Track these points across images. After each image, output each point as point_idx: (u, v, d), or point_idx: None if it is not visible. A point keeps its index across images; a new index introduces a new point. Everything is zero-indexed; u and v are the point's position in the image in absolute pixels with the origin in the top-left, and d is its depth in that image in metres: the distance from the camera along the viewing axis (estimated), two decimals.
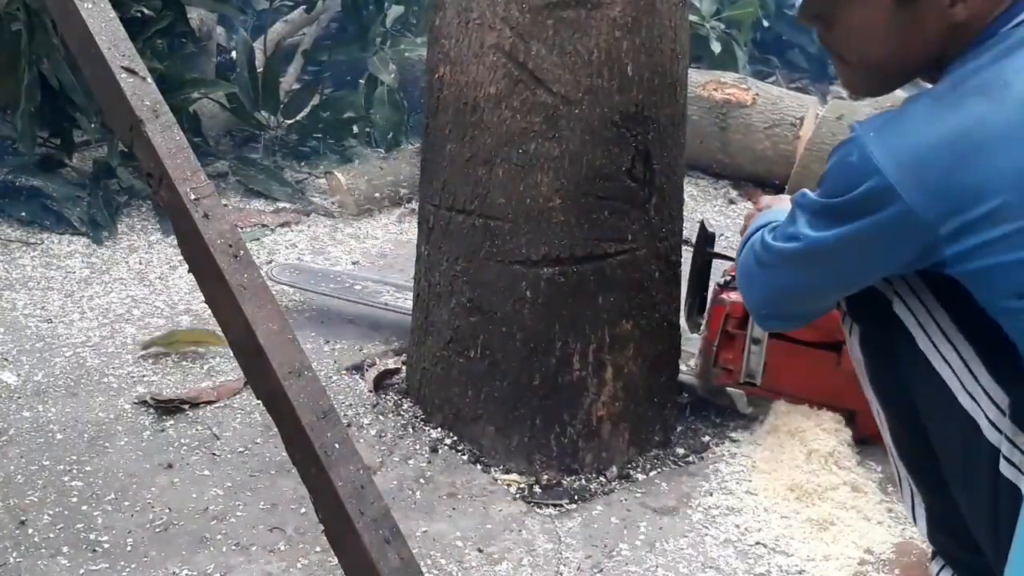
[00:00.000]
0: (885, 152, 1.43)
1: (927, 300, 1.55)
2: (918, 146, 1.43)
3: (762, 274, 1.68)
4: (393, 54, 4.59)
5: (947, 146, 1.41)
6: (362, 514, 1.49)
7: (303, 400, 1.53)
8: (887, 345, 1.63)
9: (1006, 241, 1.38)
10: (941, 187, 1.40)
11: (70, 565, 2.02)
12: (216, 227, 1.59)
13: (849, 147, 1.49)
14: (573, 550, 2.13)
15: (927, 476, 1.68)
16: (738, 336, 2.44)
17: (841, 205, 1.49)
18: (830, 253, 1.54)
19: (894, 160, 1.42)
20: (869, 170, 1.44)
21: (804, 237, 1.56)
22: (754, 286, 1.73)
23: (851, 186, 1.46)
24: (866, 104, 4.31)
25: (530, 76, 2.18)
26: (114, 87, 1.63)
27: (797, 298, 1.69)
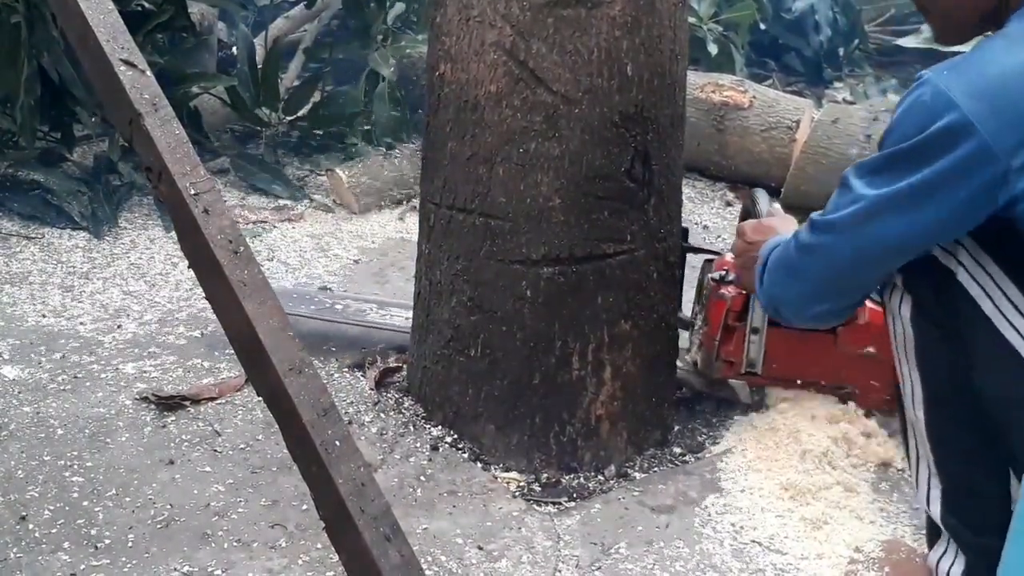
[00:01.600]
0: (961, 87, 1.43)
1: (992, 270, 1.55)
2: (994, 77, 1.43)
3: (811, 260, 1.68)
4: (394, 51, 4.60)
5: (1018, 74, 1.42)
6: (363, 511, 1.50)
7: (304, 397, 1.54)
8: (945, 316, 1.62)
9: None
10: (1017, 116, 1.41)
11: (71, 561, 2.02)
12: (216, 222, 1.59)
13: (920, 89, 1.48)
14: (572, 548, 2.14)
15: (953, 453, 1.68)
16: (738, 328, 2.44)
17: (914, 148, 1.47)
18: (900, 204, 1.52)
19: (970, 94, 1.42)
20: (944, 105, 1.43)
21: (867, 196, 1.56)
22: (801, 275, 1.72)
23: (925, 125, 1.45)
24: (859, 108, 4.32)
25: (530, 75, 2.19)
26: (113, 80, 1.63)
27: (856, 268, 1.66)
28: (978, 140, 1.41)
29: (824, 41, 6.04)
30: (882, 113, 4.13)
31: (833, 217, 1.62)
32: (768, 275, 1.83)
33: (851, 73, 6.18)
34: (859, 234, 1.59)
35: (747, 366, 2.43)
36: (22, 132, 3.66)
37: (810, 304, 1.77)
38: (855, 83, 5.98)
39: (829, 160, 4.02)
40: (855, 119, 4.08)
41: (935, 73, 1.48)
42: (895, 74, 6.12)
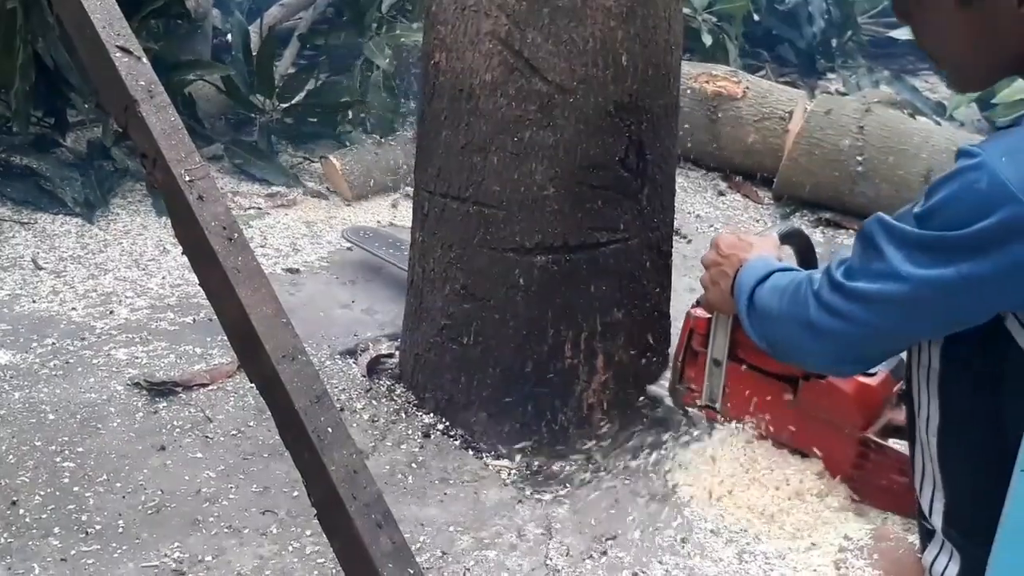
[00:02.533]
0: (1021, 176, 1.35)
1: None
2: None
3: (834, 323, 1.60)
4: (389, 40, 4.59)
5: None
6: (354, 498, 1.50)
7: (296, 384, 1.54)
8: (985, 360, 1.57)
9: None
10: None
11: (61, 546, 2.02)
12: (210, 209, 1.59)
13: (974, 174, 1.40)
14: (563, 536, 2.15)
15: (964, 482, 1.67)
16: (701, 354, 2.32)
17: (967, 238, 1.40)
18: (949, 293, 1.45)
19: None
20: (1005, 197, 1.36)
21: (909, 276, 1.47)
22: (821, 337, 1.63)
23: (982, 215, 1.38)
24: (852, 99, 4.32)
25: (525, 64, 2.19)
26: (109, 67, 1.63)
27: (886, 343, 1.61)
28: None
29: (817, 32, 6.04)
30: (875, 104, 4.13)
31: (866, 288, 1.54)
32: (765, 318, 1.78)
33: (844, 64, 6.18)
34: (900, 314, 1.53)
35: (707, 399, 2.32)
36: (16, 118, 3.65)
37: (840, 364, 1.72)
38: (848, 74, 5.99)
39: (821, 151, 4.03)
40: (848, 110, 4.08)
41: (989, 155, 1.40)
42: (888, 65, 6.13)
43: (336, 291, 3.25)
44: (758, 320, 1.82)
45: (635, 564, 2.08)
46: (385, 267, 3.34)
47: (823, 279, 1.64)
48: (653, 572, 2.06)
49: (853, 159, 3.97)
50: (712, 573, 2.06)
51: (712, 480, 2.31)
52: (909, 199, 3.68)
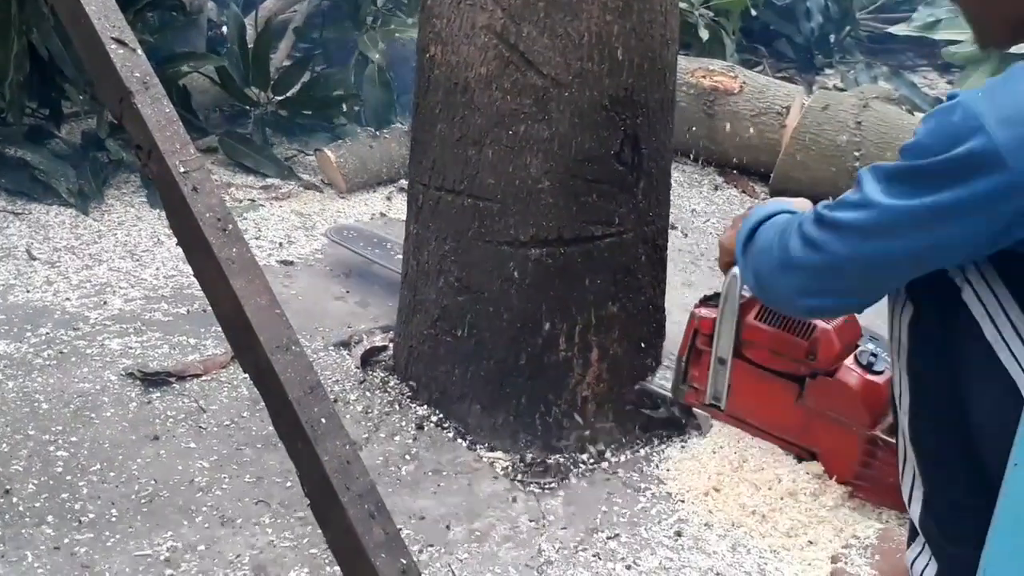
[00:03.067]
0: (993, 113, 1.35)
1: (1000, 292, 1.49)
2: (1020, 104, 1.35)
3: (810, 254, 1.58)
4: (383, 34, 4.59)
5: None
6: (348, 489, 1.50)
7: (290, 375, 1.54)
8: (944, 332, 1.57)
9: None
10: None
11: (54, 535, 2.02)
12: (205, 200, 1.59)
13: (950, 107, 1.41)
14: (555, 528, 2.15)
15: (936, 464, 1.67)
16: (705, 353, 2.30)
17: (934, 167, 1.40)
18: (912, 223, 1.45)
19: (1003, 120, 1.34)
20: (973, 129, 1.36)
21: (878, 205, 1.47)
22: (797, 267, 1.61)
23: (949, 145, 1.38)
24: (849, 94, 4.33)
25: (521, 58, 2.19)
26: (104, 59, 1.63)
27: (857, 275, 1.57)
28: (1004, 172, 1.34)
29: (815, 28, 6.05)
30: (872, 100, 4.14)
31: (841, 217, 1.53)
32: (757, 251, 1.76)
33: (842, 60, 6.19)
34: (865, 242, 1.51)
35: (711, 398, 2.30)
36: (10, 108, 3.65)
37: (802, 297, 1.67)
38: (846, 70, 5.99)
39: (818, 146, 4.03)
40: (845, 106, 4.09)
41: (968, 94, 1.40)
42: (886, 61, 6.14)
43: (330, 283, 3.25)
44: (752, 256, 1.80)
45: (628, 556, 2.08)
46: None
47: (809, 213, 1.63)
48: (647, 564, 2.06)
49: (850, 154, 3.97)
50: (706, 566, 2.07)
51: (704, 477, 2.32)
52: None
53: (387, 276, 3.10)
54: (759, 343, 2.25)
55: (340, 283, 3.25)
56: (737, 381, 2.27)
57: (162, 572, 1.95)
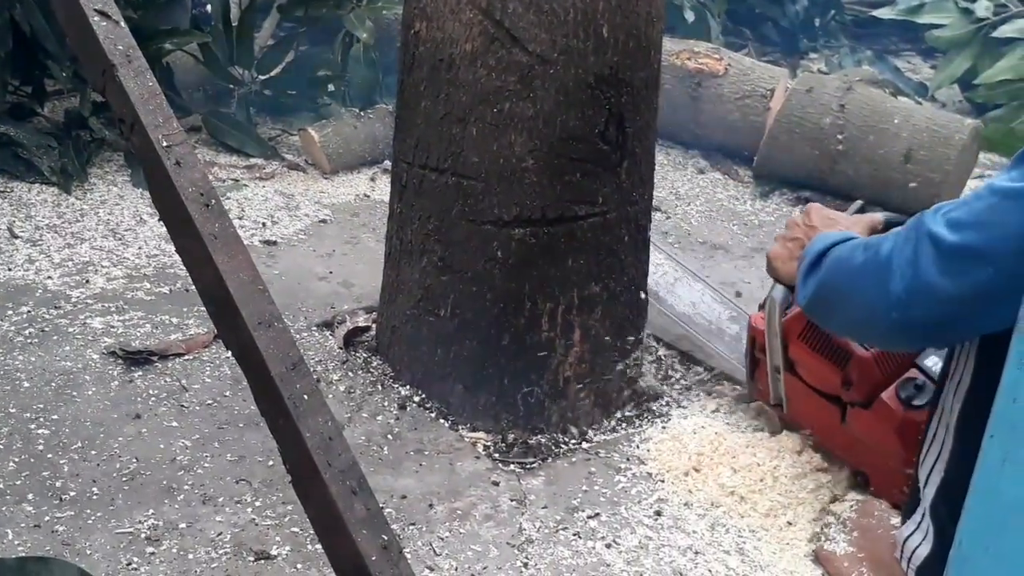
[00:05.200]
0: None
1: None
2: None
3: (947, 258, 1.50)
4: (369, 12, 4.56)
5: None
6: (329, 465, 1.50)
7: (272, 351, 1.53)
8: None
9: None
10: None
11: (35, 512, 2.02)
12: (188, 175, 1.58)
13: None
14: (536, 507, 2.16)
15: (972, 448, 1.66)
16: (762, 360, 2.29)
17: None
18: None
19: None
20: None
21: (1012, 186, 1.43)
22: (915, 276, 1.53)
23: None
24: (833, 77, 4.34)
25: (506, 34, 2.18)
26: (87, 31, 1.61)
27: (980, 293, 1.49)
28: None
29: (800, 11, 6.05)
30: (856, 83, 4.14)
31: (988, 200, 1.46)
32: (835, 268, 1.71)
33: (826, 44, 6.19)
34: (980, 224, 1.47)
35: (775, 400, 2.25)
36: None
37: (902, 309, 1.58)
38: (830, 54, 6.00)
39: (803, 129, 4.04)
40: (829, 89, 4.09)
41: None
42: (870, 45, 6.14)
43: (313, 263, 3.25)
44: (823, 273, 1.75)
45: (609, 535, 2.09)
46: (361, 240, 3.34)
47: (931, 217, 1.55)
48: (627, 543, 2.07)
49: (834, 138, 3.98)
50: (685, 544, 2.08)
51: (684, 457, 2.33)
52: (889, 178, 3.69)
53: (373, 253, 3.09)
54: (802, 364, 2.24)
55: (323, 263, 3.25)
56: (791, 392, 2.22)
57: (143, 550, 1.95)
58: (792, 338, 2.21)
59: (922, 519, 1.79)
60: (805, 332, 2.20)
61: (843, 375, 2.17)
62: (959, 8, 5.24)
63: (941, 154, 3.82)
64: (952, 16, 5.25)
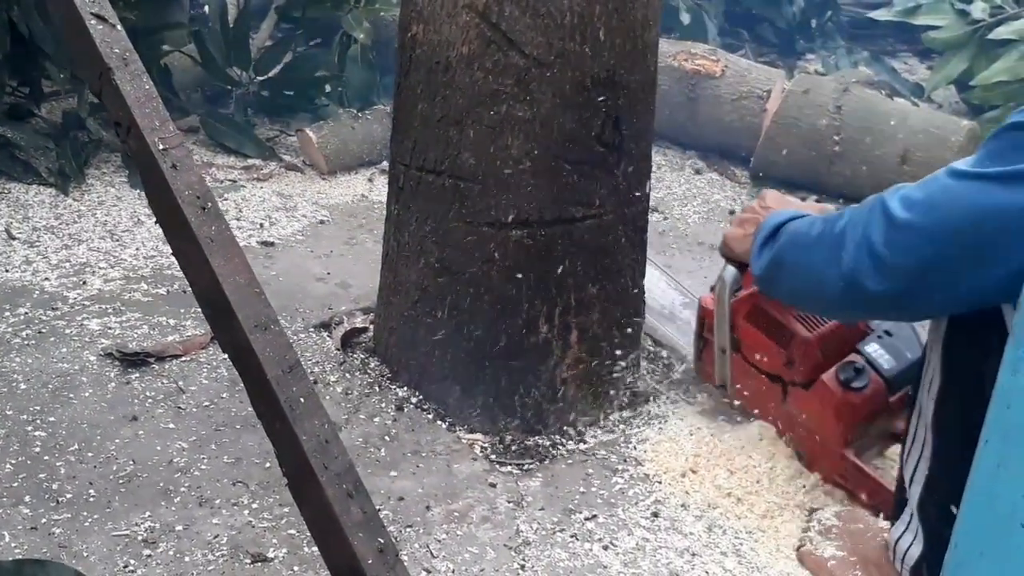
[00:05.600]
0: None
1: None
2: None
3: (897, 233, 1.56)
4: (367, 13, 4.57)
5: None
6: (326, 468, 1.50)
7: (269, 354, 1.53)
8: (981, 323, 1.57)
9: None
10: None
11: (32, 515, 2.02)
12: (184, 178, 1.58)
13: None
14: (534, 509, 2.16)
15: (952, 448, 1.67)
16: (710, 340, 2.40)
17: (1021, 132, 1.43)
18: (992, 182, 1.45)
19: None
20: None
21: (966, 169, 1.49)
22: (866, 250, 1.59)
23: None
24: (830, 79, 4.34)
25: (503, 37, 2.18)
26: (84, 34, 1.61)
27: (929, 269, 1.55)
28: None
29: (797, 12, 6.05)
30: (852, 84, 4.15)
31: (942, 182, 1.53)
32: (790, 242, 1.77)
33: (823, 45, 6.19)
34: (931, 205, 1.53)
35: (720, 380, 2.37)
36: None
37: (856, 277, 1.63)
38: (827, 55, 6.00)
39: (799, 130, 4.04)
40: (826, 90, 4.10)
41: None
42: (866, 46, 6.14)
43: (311, 264, 3.25)
44: (778, 247, 1.81)
45: (606, 537, 2.09)
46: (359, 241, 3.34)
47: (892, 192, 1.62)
48: (624, 545, 2.07)
49: (830, 139, 3.98)
50: (682, 546, 2.08)
51: (681, 458, 2.33)
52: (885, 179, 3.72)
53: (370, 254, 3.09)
54: (747, 343, 2.32)
55: (321, 264, 3.25)
56: (736, 372, 2.33)
57: (140, 552, 1.95)
58: (739, 318, 2.30)
59: (911, 519, 1.80)
60: (752, 312, 2.29)
61: (786, 355, 2.24)
62: (955, 10, 5.25)
63: (937, 155, 3.83)
64: (948, 18, 5.26)
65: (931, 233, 1.52)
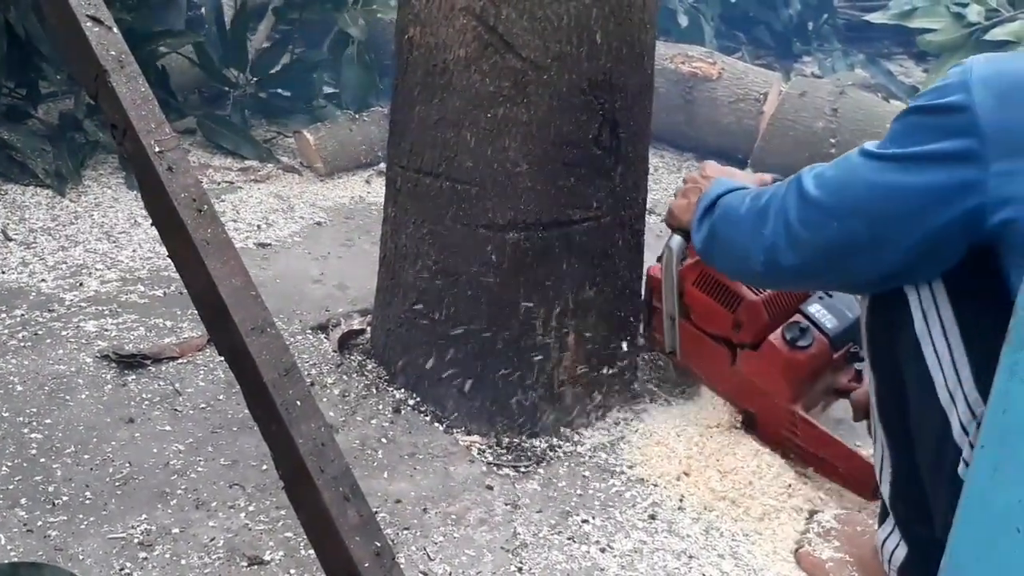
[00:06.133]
0: (981, 74, 1.44)
1: (938, 291, 1.55)
2: (1011, 75, 1.43)
3: (809, 209, 1.63)
4: (364, 14, 4.57)
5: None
6: (322, 471, 1.50)
7: (265, 357, 1.53)
8: (890, 319, 1.63)
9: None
10: (1012, 119, 1.40)
11: (28, 517, 2.01)
12: (180, 180, 1.58)
13: (956, 67, 1.50)
14: (531, 511, 2.15)
15: (900, 447, 1.70)
16: (658, 310, 2.47)
17: (921, 111, 1.50)
18: (886, 165, 1.52)
19: (985, 84, 1.42)
20: (961, 84, 1.44)
21: (871, 150, 1.56)
22: (798, 241, 1.65)
23: (941, 94, 1.47)
24: (826, 81, 4.34)
25: (500, 40, 2.18)
26: (79, 37, 1.61)
27: (840, 243, 1.61)
28: (971, 133, 1.41)
29: (794, 15, 6.07)
30: (848, 87, 4.15)
31: (850, 162, 1.60)
32: (722, 215, 1.83)
33: (820, 47, 6.21)
34: (838, 183, 1.60)
35: (669, 347, 2.42)
36: None
37: (772, 253, 1.71)
38: (823, 57, 6.01)
39: (796, 133, 4.04)
40: (822, 93, 4.10)
41: (979, 57, 1.49)
42: (863, 49, 6.16)
43: (308, 266, 3.25)
44: (713, 220, 1.87)
45: (603, 539, 2.09)
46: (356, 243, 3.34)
47: (782, 189, 1.71)
48: (621, 547, 2.07)
49: (826, 141, 3.99)
50: (679, 548, 2.08)
51: (675, 461, 2.33)
52: None
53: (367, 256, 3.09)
54: (696, 309, 2.41)
55: (318, 266, 3.25)
56: (684, 338, 2.39)
57: (136, 555, 1.95)
58: (687, 285, 2.38)
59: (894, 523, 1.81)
60: (699, 278, 2.39)
61: (734, 318, 2.35)
62: (951, 12, 5.26)
63: None
64: (944, 20, 5.27)
65: (837, 210, 1.60)
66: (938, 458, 1.56)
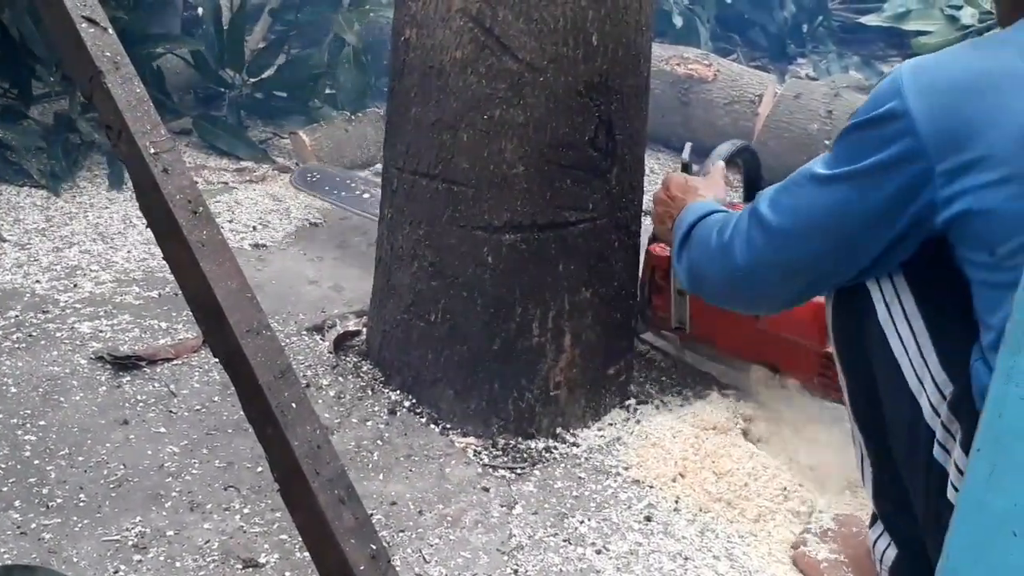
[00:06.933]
0: (914, 80, 1.47)
1: (898, 281, 1.59)
2: (940, 77, 1.46)
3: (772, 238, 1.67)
4: (360, 15, 4.57)
5: (965, 81, 1.44)
6: (317, 474, 1.49)
7: (260, 359, 1.53)
8: (854, 314, 1.66)
9: (994, 187, 1.40)
10: (948, 119, 1.43)
11: (21, 519, 2.01)
12: (175, 182, 1.58)
13: (887, 75, 1.53)
14: (527, 513, 2.15)
15: (876, 442, 1.72)
16: (666, 286, 2.50)
17: (860, 126, 1.52)
18: (833, 184, 1.56)
19: (919, 88, 1.45)
20: (894, 92, 1.47)
21: (821, 172, 1.59)
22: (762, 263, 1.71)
23: (876, 105, 1.50)
24: (821, 83, 4.35)
25: (496, 42, 2.18)
26: (75, 37, 1.61)
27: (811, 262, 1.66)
28: (911, 137, 1.45)
29: (788, 17, 6.08)
30: (843, 89, 4.15)
31: (800, 187, 1.64)
32: (696, 247, 1.87)
33: (814, 49, 6.22)
34: (796, 209, 1.64)
35: (676, 323, 2.46)
36: None
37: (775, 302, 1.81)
38: (818, 59, 6.02)
39: (791, 134, 4.05)
40: (817, 95, 4.10)
41: (906, 64, 1.52)
42: (857, 51, 6.16)
43: (304, 267, 3.24)
44: (690, 253, 1.90)
45: (599, 541, 2.09)
46: (352, 244, 3.33)
47: (739, 216, 1.76)
48: (617, 549, 2.07)
49: (821, 143, 3.99)
50: (675, 550, 2.07)
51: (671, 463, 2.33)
52: None
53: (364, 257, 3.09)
54: None
55: (314, 267, 3.24)
56: (696, 310, 2.44)
57: (130, 557, 1.94)
58: None
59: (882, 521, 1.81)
60: None
61: None
62: (945, 15, 5.27)
63: None
64: (938, 23, 5.28)
65: (798, 234, 1.64)
66: (912, 443, 1.59)
